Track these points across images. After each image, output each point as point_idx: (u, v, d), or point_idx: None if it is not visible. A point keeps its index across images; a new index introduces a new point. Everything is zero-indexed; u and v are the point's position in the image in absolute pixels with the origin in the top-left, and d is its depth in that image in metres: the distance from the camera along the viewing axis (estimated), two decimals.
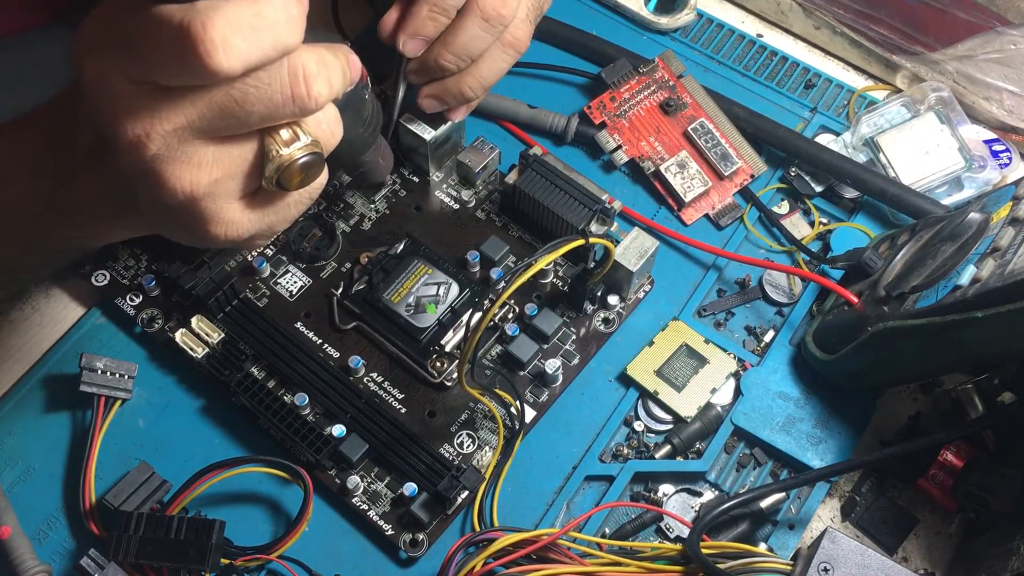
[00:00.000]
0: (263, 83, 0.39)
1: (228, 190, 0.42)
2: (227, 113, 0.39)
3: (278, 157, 0.41)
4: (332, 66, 0.41)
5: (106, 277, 0.61)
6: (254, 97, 0.39)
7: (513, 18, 0.56)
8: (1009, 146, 0.67)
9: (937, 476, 0.55)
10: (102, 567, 0.51)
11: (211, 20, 0.36)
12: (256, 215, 0.44)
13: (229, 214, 0.43)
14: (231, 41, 0.36)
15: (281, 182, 0.42)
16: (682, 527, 0.56)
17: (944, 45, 0.70)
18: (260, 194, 0.44)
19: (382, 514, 0.55)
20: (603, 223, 0.61)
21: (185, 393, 0.59)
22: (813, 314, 0.62)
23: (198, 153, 0.40)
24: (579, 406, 0.59)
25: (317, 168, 0.43)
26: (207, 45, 0.36)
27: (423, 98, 0.60)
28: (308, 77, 0.40)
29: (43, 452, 0.57)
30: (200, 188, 0.41)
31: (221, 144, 0.41)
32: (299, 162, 0.42)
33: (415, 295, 0.60)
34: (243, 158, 0.42)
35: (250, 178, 0.42)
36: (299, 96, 0.40)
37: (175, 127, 0.39)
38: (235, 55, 0.37)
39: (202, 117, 0.39)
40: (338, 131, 0.44)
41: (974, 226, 0.54)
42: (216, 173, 0.41)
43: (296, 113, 0.41)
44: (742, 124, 0.68)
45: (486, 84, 0.59)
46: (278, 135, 0.41)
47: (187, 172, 0.40)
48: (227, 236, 0.43)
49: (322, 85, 0.40)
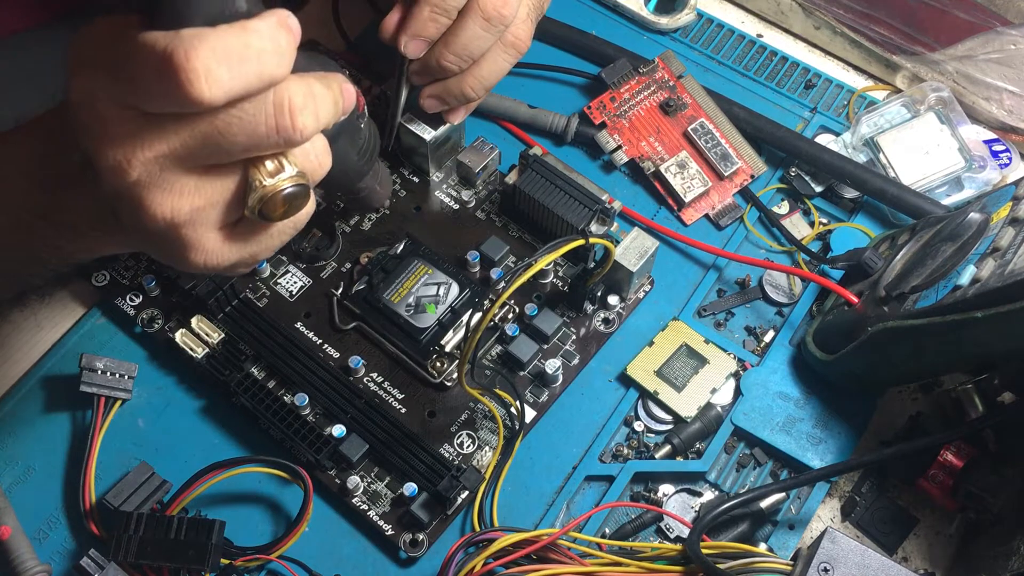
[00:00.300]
0: (247, 114, 0.38)
1: (209, 219, 0.41)
2: (210, 143, 0.39)
3: (261, 188, 0.40)
4: (321, 98, 0.40)
5: (106, 277, 0.61)
6: (237, 128, 0.38)
7: (514, 18, 0.56)
8: (1009, 146, 0.67)
9: (937, 476, 0.55)
10: (102, 567, 0.51)
11: (195, 49, 0.35)
12: (237, 245, 0.43)
13: (209, 243, 0.42)
14: (214, 71, 0.36)
15: (264, 213, 0.41)
16: (682, 527, 0.56)
17: (944, 45, 0.70)
18: (243, 223, 0.43)
19: (382, 514, 0.55)
20: (603, 223, 0.61)
21: (185, 393, 0.59)
22: (813, 314, 0.62)
23: (180, 181, 0.40)
24: (579, 406, 0.59)
25: (302, 199, 0.42)
26: (189, 74, 0.35)
27: (424, 99, 0.60)
28: (294, 109, 0.39)
29: (43, 452, 0.57)
30: (180, 216, 0.40)
31: (204, 173, 0.40)
32: (283, 193, 0.41)
33: (415, 295, 0.60)
34: (226, 187, 0.41)
35: (232, 207, 0.42)
36: (284, 128, 0.39)
37: (157, 154, 0.39)
38: (218, 85, 0.36)
39: (184, 146, 0.39)
40: (326, 162, 0.43)
41: (974, 226, 0.54)
42: (197, 201, 0.40)
43: (281, 144, 0.40)
44: (742, 124, 0.68)
45: (487, 84, 0.59)
46: (263, 165, 0.40)
47: (168, 199, 0.40)
48: (207, 263, 0.43)
49: (308, 118, 0.39)
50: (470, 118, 0.65)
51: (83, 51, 0.40)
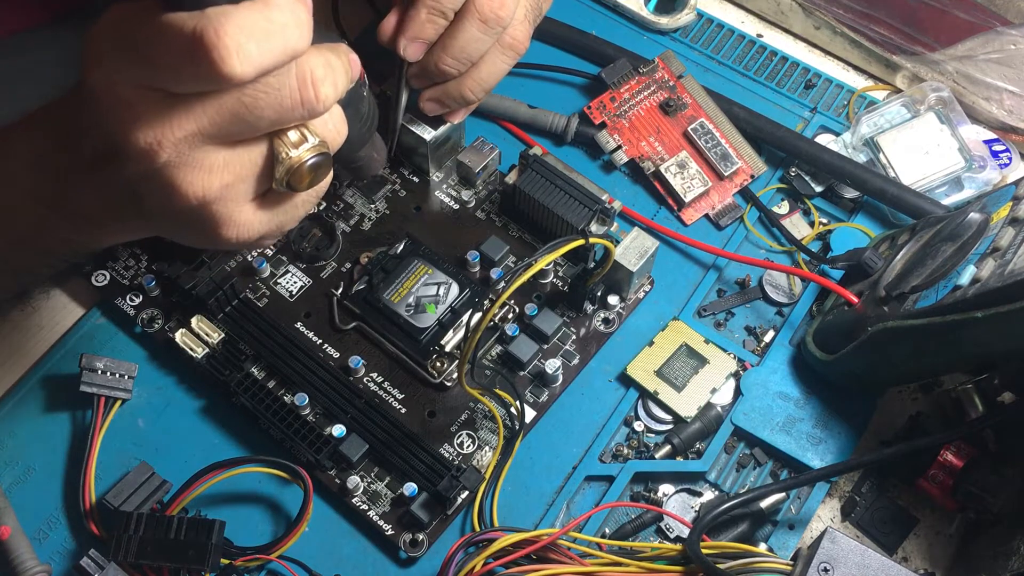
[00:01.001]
0: (273, 88, 0.39)
1: (239, 193, 0.42)
2: (238, 118, 0.39)
3: (288, 159, 0.42)
4: (336, 68, 0.41)
5: (106, 277, 0.61)
6: (264, 102, 0.39)
7: (511, 19, 0.56)
8: (1009, 146, 0.67)
9: (937, 476, 0.55)
10: (102, 567, 0.51)
11: (223, 26, 0.36)
12: (266, 216, 0.44)
13: (240, 216, 0.43)
14: (244, 47, 0.36)
15: (291, 183, 0.43)
16: (682, 527, 0.56)
17: (944, 45, 0.70)
18: (270, 195, 0.44)
19: (382, 514, 0.55)
20: (603, 223, 0.61)
21: (185, 393, 0.59)
22: (813, 314, 0.62)
23: (209, 158, 0.41)
24: (579, 406, 0.59)
25: (325, 168, 0.43)
26: (221, 51, 0.36)
27: (424, 102, 0.60)
28: (316, 81, 0.40)
29: (43, 452, 0.57)
30: (212, 192, 0.41)
31: (232, 148, 0.41)
32: (308, 163, 0.42)
33: (415, 295, 0.60)
34: (253, 161, 0.42)
35: (260, 180, 0.43)
36: (308, 100, 0.40)
37: (186, 134, 0.39)
38: (248, 61, 0.37)
39: (213, 123, 0.39)
40: (343, 130, 0.45)
41: (974, 226, 0.54)
42: (227, 177, 0.41)
43: (305, 116, 0.41)
44: (742, 124, 0.68)
45: (486, 86, 0.59)
46: (287, 137, 0.42)
47: (199, 177, 0.41)
48: (238, 238, 0.44)
49: (329, 88, 0.41)
50: (470, 118, 0.65)
51: (100, 39, 0.40)
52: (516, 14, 0.56)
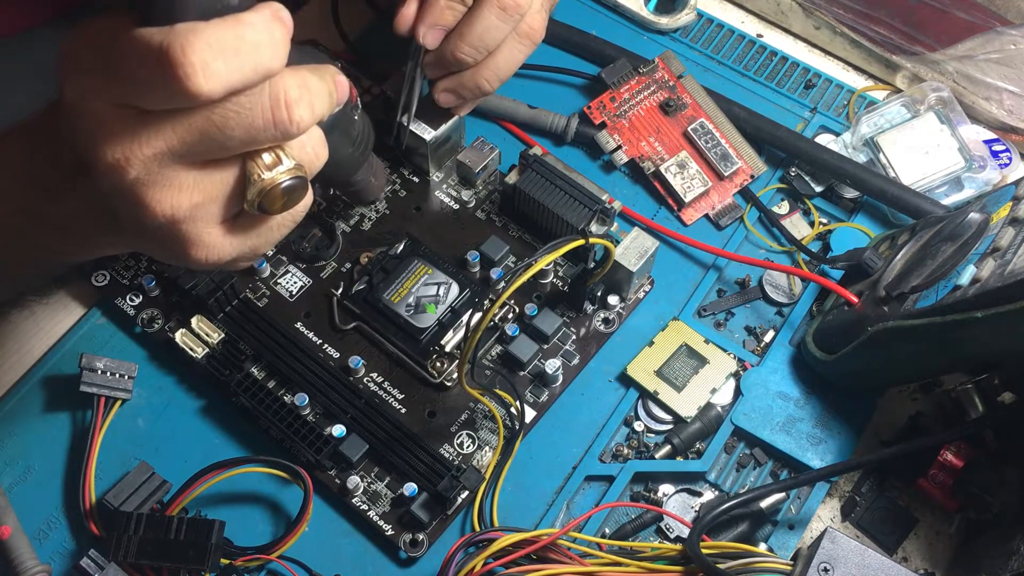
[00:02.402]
0: (244, 107, 0.38)
1: (209, 214, 0.41)
2: (207, 138, 0.39)
3: (260, 181, 0.41)
4: (316, 90, 0.41)
5: (106, 277, 0.61)
6: (234, 122, 0.38)
7: (529, 7, 0.56)
8: (1009, 146, 0.67)
9: (937, 476, 0.55)
10: (102, 567, 0.51)
11: (191, 43, 0.35)
12: (238, 239, 0.43)
13: (210, 238, 0.42)
14: (211, 65, 0.36)
15: (263, 206, 0.41)
16: (682, 527, 0.56)
17: (944, 45, 0.70)
18: (242, 217, 0.43)
19: (382, 514, 0.55)
20: (603, 223, 0.61)
21: (185, 393, 0.59)
22: (813, 314, 0.62)
23: (179, 177, 0.40)
24: (579, 406, 0.59)
25: (300, 192, 0.42)
26: (187, 68, 0.35)
27: (439, 93, 0.60)
28: (289, 102, 0.39)
29: (43, 452, 0.57)
30: (180, 212, 0.40)
31: (202, 168, 0.40)
32: (282, 186, 0.41)
33: (415, 295, 0.60)
34: (224, 182, 0.41)
35: (231, 202, 0.42)
36: (280, 121, 0.39)
37: (155, 151, 0.39)
38: (215, 79, 0.36)
39: (182, 142, 0.39)
40: (323, 153, 0.43)
41: (974, 226, 0.54)
42: (197, 197, 0.40)
43: (278, 137, 0.40)
44: (742, 124, 0.68)
45: (502, 76, 0.59)
46: (260, 159, 0.41)
47: (167, 196, 0.40)
48: (208, 259, 0.43)
49: (304, 110, 0.40)
50: (470, 118, 0.65)
51: (75, 52, 0.40)
52: (533, 3, 0.56)
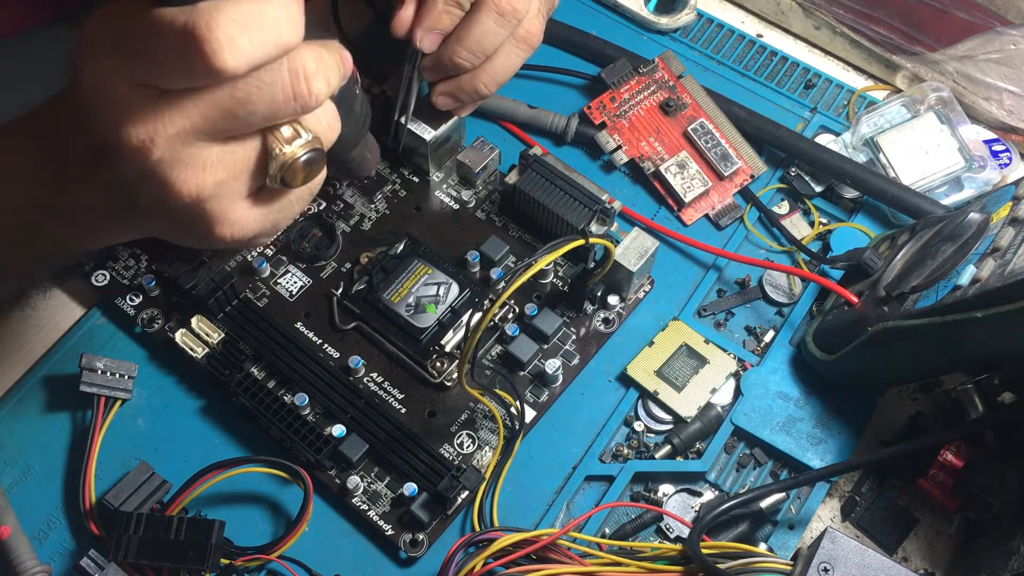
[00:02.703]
0: (265, 83, 0.39)
1: (233, 190, 0.42)
2: (230, 114, 0.39)
3: (281, 155, 0.42)
4: (329, 63, 0.41)
5: (106, 277, 0.61)
6: (257, 97, 0.39)
7: (526, 12, 0.56)
8: (1009, 146, 0.67)
9: (937, 476, 0.55)
10: (102, 567, 0.51)
11: (215, 20, 0.36)
12: (261, 213, 0.44)
13: (235, 214, 0.43)
14: (236, 41, 0.36)
15: (285, 179, 0.42)
16: (682, 527, 0.56)
17: (944, 45, 0.70)
18: (264, 192, 0.44)
19: (382, 514, 0.55)
20: (603, 223, 0.61)
21: (185, 393, 0.59)
22: (813, 314, 0.62)
23: (202, 155, 0.40)
24: (579, 406, 0.59)
25: (319, 164, 0.43)
26: (213, 45, 0.36)
27: (437, 96, 0.60)
28: (308, 75, 0.40)
29: (43, 452, 0.57)
30: (206, 190, 0.41)
31: (225, 145, 0.41)
32: (302, 159, 0.42)
33: (415, 295, 0.60)
34: (247, 158, 0.42)
35: (254, 177, 0.43)
36: (300, 94, 0.40)
37: (179, 130, 0.39)
38: (240, 55, 0.37)
39: (205, 119, 0.39)
40: (336, 126, 0.44)
41: (974, 226, 0.54)
42: (221, 174, 0.41)
43: (298, 111, 0.41)
44: (742, 124, 0.68)
45: (500, 80, 0.59)
46: (280, 133, 0.42)
47: (192, 175, 0.40)
48: (233, 236, 0.44)
49: (321, 83, 0.40)
50: (470, 118, 0.65)
51: (92, 37, 0.40)
52: (530, 8, 0.56)
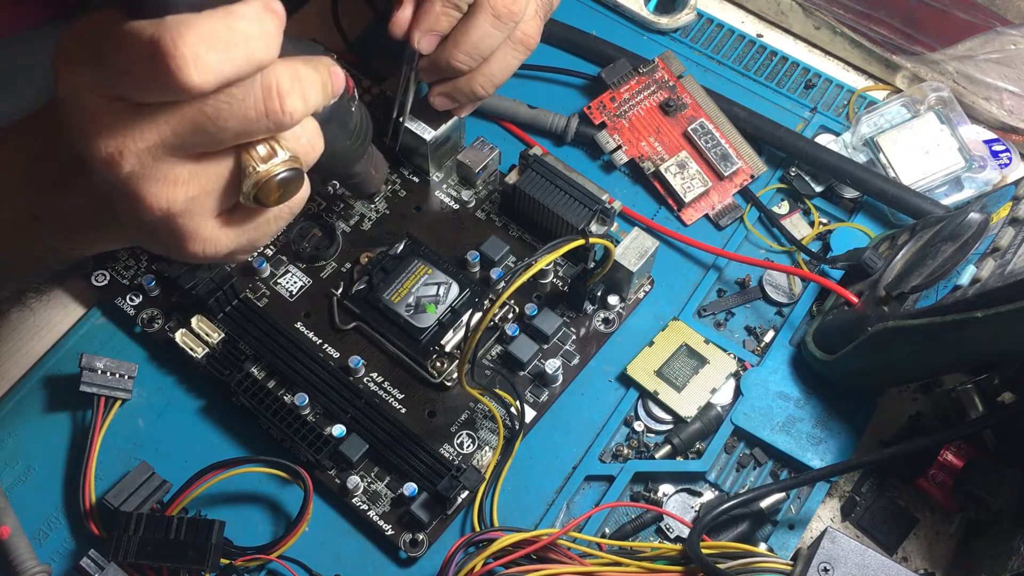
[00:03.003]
0: (236, 99, 0.38)
1: (205, 207, 0.41)
2: (201, 130, 0.38)
3: (255, 173, 0.40)
4: (308, 81, 0.40)
5: (106, 277, 0.61)
6: (227, 113, 0.38)
7: (523, 15, 0.56)
8: (1009, 146, 0.67)
9: (937, 476, 0.55)
10: (102, 567, 0.51)
11: (182, 36, 0.35)
12: (235, 232, 0.43)
13: (207, 231, 0.42)
14: (203, 57, 0.36)
15: (259, 198, 0.41)
16: (682, 527, 0.56)
17: (944, 45, 0.70)
18: (238, 210, 0.43)
19: (382, 514, 0.55)
20: (603, 223, 0.61)
21: (185, 393, 0.59)
22: (813, 314, 0.62)
23: (174, 170, 0.40)
24: (579, 406, 0.59)
25: (296, 183, 0.42)
26: (178, 60, 0.35)
27: (434, 97, 0.60)
28: (282, 92, 0.39)
29: (43, 452, 0.57)
30: (176, 205, 0.40)
31: (197, 161, 0.40)
32: (277, 178, 0.41)
33: (415, 295, 0.60)
34: (219, 175, 0.41)
35: (227, 194, 0.42)
36: (273, 112, 0.39)
37: (149, 145, 0.38)
38: (207, 71, 0.36)
39: (176, 134, 0.38)
40: (318, 145, 0.43)
41: (974, 226, 0.54)
42: (192, 190, 0.40)
43: (271, 129, 0.40)
44: (742, 124, 0.68)
45: (496, 82, 0.59)
46: (255, 151, 0.40)
47: (163, 190, 0.40)
48: (205, 253, 0.43)
49: (296, 101, 0.39)
50: (470, 118, 0.65)
51: (69, 47, 0.40)
52: (527, 10, 0.56)
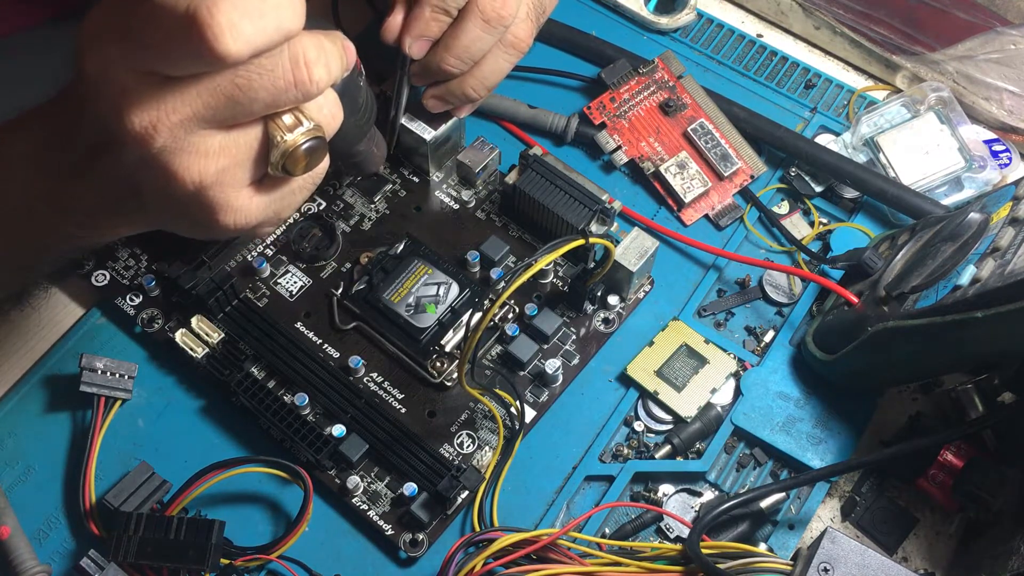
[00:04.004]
0: (266, 69, 0.39)
1: (236, 178, 0.43)
2: (232, 101, 0.40)
3: (283, 143, 0.42)
4: (330, 52, 0.42)
5: (106, 277, 0.61)
6: (258, 83, 0.39)
7: (513, 18, 0.56)
8: (1009, 146, 0.67)
9: (937, 476, 0.55)
10: (102, 567, 0.51)
11: (217, 5, 0.36)
12: (263, 201, 0.45)
13: (237, 202, 0.43)
14: (238, 25, 0.37)
15: (287, 167, 0.43)
16: (682, 527, 0.56)
17: (944, 45, 0.70)
18: (266, 180, 0.44)
19: (382, 514, 0.55)
20: (603, 223, 0.61)
21: (185, 393, 0.59)
22: (813, 314, 0.62)
23: (205, 142, 0.41)
24: (579, 406, 0.59)
25: (320, 152, 0.44)
26: (215, 30, 0.36)
27: (427, 99, 0.60)
28: (309, 62, 0.40)
29: (43, 452, 0.57)
30: (208, 177, 0.41)
31: (227, 132, 0.41)
32: (303, 147, 0.42)
33: (415, 295, 0.60)
34: (249, 145, 0.42)
35: (256, 165, 0.43)
36: (301, 81, 0.40)
37: (182, 117, 0.39)
38: (242, 39, 0.37)
39: (207, 106, 0.39)
40: (339, 115, 0.45)
41: (974, 226, 0.54)
42: (223, 162, 0.41)
43: (299, 98, 0.41)
44: (742, 124, 0.68)
45: (489, 85, 0.59)
46: (281, 121, 0.42)
47: (195, 162, 0.41)
48: (236, 224, 0.44)
49: (322, 70, 0.41)
50: (470, 118, 0.65)
51: (94, 28, 0.40)
52: (519, 13, 0.56)
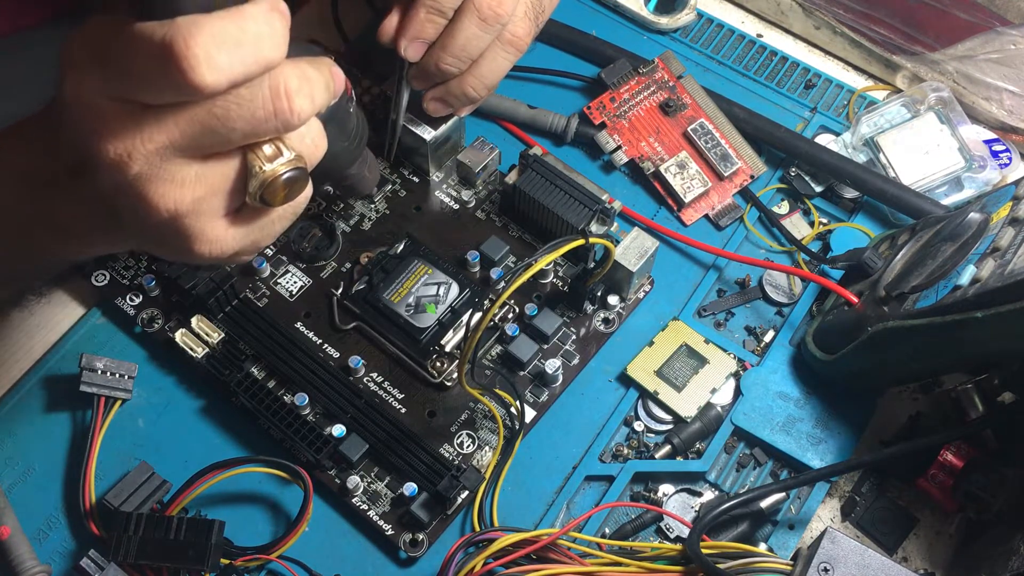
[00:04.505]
0: (245, 99, 0.38)
1: (212, 207, 0.41)
2: (209, 130, 0.39)
3: (261, 173, 0.41)
4: (314, 81, 0.41)
5: (106, 277, 0.61)
6: (236, 114, 0.38)
7: (511, 16, 0.56)
8: (1009, 146, 0.67)
9: (937, 476, 0.55)
10: (102, 567, 0.51)
11: (193, 36, 0.35)
12: (240, 232, 0.43)
13: (213, 232, 0.42)
14: (215, 56, 0.36)
15: (265, 198, 0.42)
16: (682, 527, 0.56)
17: (944, 45, 0.70)
18: (244, 210, 0.43)
19: (382, 514, 0.55)
20: (603, 223, 0.61)
21: (185, 393, 0.59)
22: (813, 314, 0.62)
23: (181, 171, 0.40)
24: (579, 406, 0.59)
25: (301, 183, 0.42)
26: (191, 60, 0.35)
27: (428, 102, 0.60)
28: (290, 93, 0.39)
29: (43, 452, 0.57)
30: (183, 206, 0.40)
31: (204, 162, 0.40)
32: (283, 178, 0.41)
33: (415, 295, 0.60)
34: (226, 175, 0.41)
35: (234, 195, 0.42)
36: (281, 111, 0.39)
37: (157, 146, 0.39)
38: (218, 70, 0.36)
39: (184, 135, 0.39)
40: (322, 145, 0.44)
41: (974, 226, 0.54)
42: (199, 191, 0.40)
43: (279, 129, 0.40)
44: (742, 124, 0.68)
45: (488, 84, 0.59)
46: (261, 151, 0.41)
47: (170, 190, 0.40)
48: (211, 253, 0.43)
49: (304, 100, 0.40)
50: (470, 118, 0.65)
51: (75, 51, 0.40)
52: (516, 11, 0.56)
